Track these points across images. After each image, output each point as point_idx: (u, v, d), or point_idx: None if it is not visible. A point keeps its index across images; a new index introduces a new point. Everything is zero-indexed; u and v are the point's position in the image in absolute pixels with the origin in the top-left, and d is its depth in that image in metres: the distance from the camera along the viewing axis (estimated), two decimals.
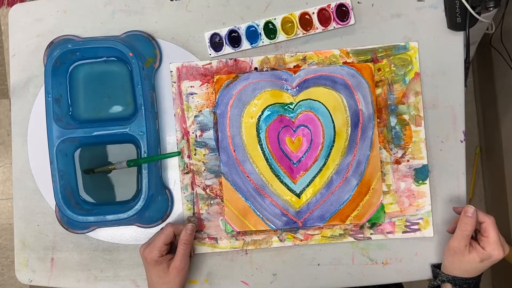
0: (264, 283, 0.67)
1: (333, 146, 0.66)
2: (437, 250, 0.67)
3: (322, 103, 0.66)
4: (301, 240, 0.67)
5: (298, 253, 0.67)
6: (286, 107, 0.66)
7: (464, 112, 0.67)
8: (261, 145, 0.66)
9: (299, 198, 0.66)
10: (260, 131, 0.66)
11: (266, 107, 0.66)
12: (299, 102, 0.66)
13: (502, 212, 1.30)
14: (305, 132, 0.66)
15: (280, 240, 0.67)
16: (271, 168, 0.66)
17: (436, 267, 0.65)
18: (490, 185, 1.39)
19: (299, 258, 0.67)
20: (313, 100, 0.66)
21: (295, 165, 0.66)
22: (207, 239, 0.67)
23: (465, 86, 0.67)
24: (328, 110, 0.66)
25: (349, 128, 0.66)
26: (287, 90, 0.67)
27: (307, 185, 0.66)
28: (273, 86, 0.66)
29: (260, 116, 0.66)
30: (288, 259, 0.67)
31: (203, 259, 0.67)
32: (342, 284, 0.67)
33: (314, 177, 0.66)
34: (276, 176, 0.66)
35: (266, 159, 0.66)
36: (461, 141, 0.67)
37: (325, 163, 0.66)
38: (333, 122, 0.66)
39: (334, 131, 0.66)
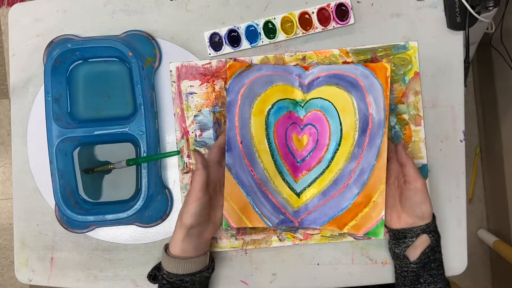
0: (263, 282, 0.67)
1: (338, 149, 0.63)
2: None
3: (332, 103, 0.63)
4: (301, 240, 0.67)
5: (297, 252, 0.67)
6: (296, 104, 0.64)
7: (464, 112, 0.67)
8: (268, 139, 0.64)
9: (299, 197, 0.64)
10: (269, 125, 0.64)
11: (276, 101, 0.64)
12: (309, 100, 0.64)
13: (502, 212, 1.30)
14: (312, 131, 0.64)
15: (280, 240, 0.67)
16: (275, 164, 0.64)
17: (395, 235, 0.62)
18: (490, 185, 1.39)
19: (299, 257, 0.67)
20: (323, 99, 0.64)
21: (298, 164, 0.64)
22: None
23: (465, 86, 0.67)
24: (337, 112, 0.63)
25: (357, 133, 0.62)
26: (299, 87, 0.64)
27: (308, 186, 0.64)
28: (285, 81, 0.64)
29: (269, 110, 0.64)
30: (287, 258, 0.67)
31: None
32: (342, 283, 0.67)
33: (316, 178, 0.64)
34: (279, 172, 0.64)
35: (272, 154, 0.64)
36: (461, 141, 0.67)
37: (328, 166, 0.64)
38: (340, 125, 0.63)
39: (341, 134, 0.63)
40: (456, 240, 0.66)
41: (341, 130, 0.63)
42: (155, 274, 0.63)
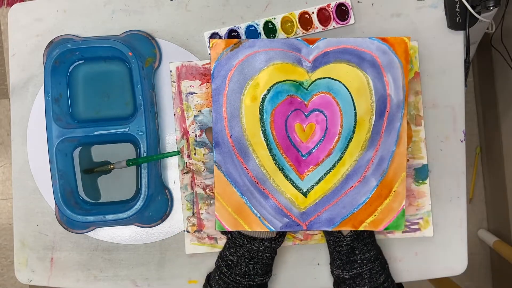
0: None
1: (352, 137, 0.56)
2: (437, 250, 0.67)
3: (343, 84, 0.55)
4: (301, 240, 0.67)
5: (298, 253, 0.67)
6: (298, 86, 0.56)
7: (464, 112, 0.67)
8: (264, 131, 0.56)
9: (306, 197, 0.57)
10: (265, 114, 0.56)
11: (274, 84, 0.56)
12: (315, 80, 0.56)
13: (502, 212, 1.30)
14: (320, 119, 0.56)
15: None
16: (274, 159, 0.56)
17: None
18: (490, 185, 1.39)
19: (299, 258, 0.67)
20: (332, 79, 0.55)
21: (303, 158, 0.57)
22: (206, 239, 0.67)
23: (465, 86, 0.67)
24: (350, 94, 0.55)
25: (373, 117, 0.56)
26: (302, 64, 0.55)
27: (317, 183, 0.57)
28: (284, 58, 0.55)
29: (265, 96, 0.56)
30: (288, 259, 0.67)
31: (203, 259, 0.67)
32: None
33: (326, 173, 0.57)
34: (279, 169, 0.57)
35: (270, 149, 0.56)
36: (461, 141, 0.67)
37: (340, 158, 0.56)
38: (354, 109, 0.55)
39: (355, 119, 0.56)
40: (456, 240, 0.66)
41: (356, 115, 0.56)
42: None
